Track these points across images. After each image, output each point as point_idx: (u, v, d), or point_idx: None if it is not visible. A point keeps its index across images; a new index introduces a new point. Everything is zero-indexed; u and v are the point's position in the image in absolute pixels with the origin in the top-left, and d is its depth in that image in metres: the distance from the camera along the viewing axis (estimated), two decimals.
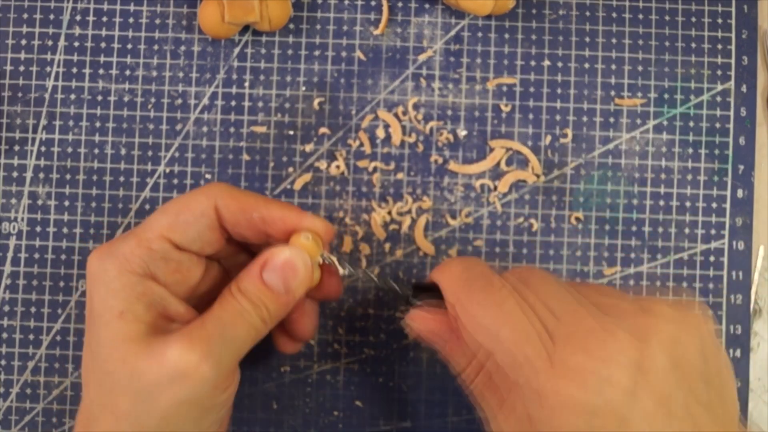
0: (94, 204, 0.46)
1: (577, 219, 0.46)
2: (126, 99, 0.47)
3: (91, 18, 0.47)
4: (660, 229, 0.46)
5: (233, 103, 0.47)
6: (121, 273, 0.33)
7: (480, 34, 0.47)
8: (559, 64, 0.47)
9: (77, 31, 0.47)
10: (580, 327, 0.31)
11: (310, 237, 0.36)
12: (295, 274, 0.35)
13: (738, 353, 0.46)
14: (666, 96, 0.47)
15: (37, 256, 0.46)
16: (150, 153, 0.46)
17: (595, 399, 0.29)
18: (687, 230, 0.46)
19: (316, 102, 0.47)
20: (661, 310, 0.31)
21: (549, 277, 0.34)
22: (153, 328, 0.33)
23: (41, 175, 0.46)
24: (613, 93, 0.47)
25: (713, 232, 0.46)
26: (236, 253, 0.40)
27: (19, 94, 0.47)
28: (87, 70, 0.47)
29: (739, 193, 0.47)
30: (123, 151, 0.46)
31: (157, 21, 0.47)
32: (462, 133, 0.46)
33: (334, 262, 0.37)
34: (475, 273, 0.35)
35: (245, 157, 0.46)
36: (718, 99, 0.47)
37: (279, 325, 0.39)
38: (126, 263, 0.34)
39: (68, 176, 0.46)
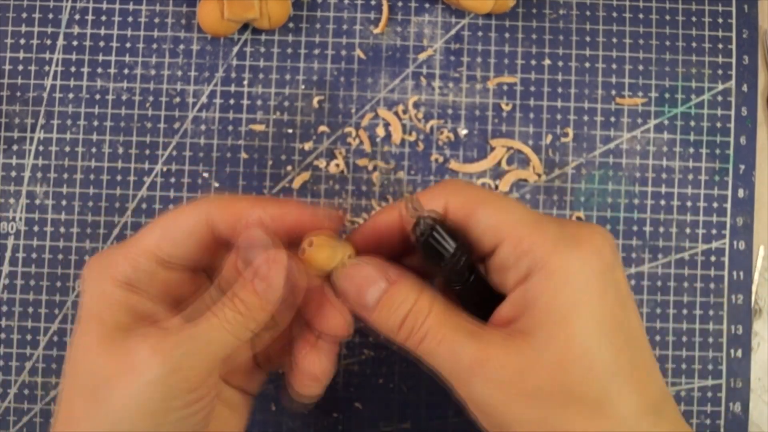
0: (91, 203, 0.46)
1: (578, 218, 0.46)
2: (124, 98, 0.46)
3: (90, 17, 0.47)
4: (661, 229, 0.46)
5: (232, 101, 0.46)
6: (103, 281, 0.33)
7: (480, 33, 0.47)
8: (560, 64, 0.47)
9: (76, 30, 0.47)
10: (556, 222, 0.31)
11: (325, 245, 0.33)
12: (271, 278, 0.32)
13: (739, 353, 0.46)
14: (667, 95, 0.47)
15: (34, 255, 0.46)
16: (148, 152, 0.46)
17: (599, 266, 0.29)
18: (688, 230, 0.46)
19: (315, 100, 0.46)
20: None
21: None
22: (126, 328, 0.32)
23: (39, 175, 0.46)
24: (613, 92, 0.47)
25: (714, 231, 0.46)
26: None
27: (18, 93, 0.47)
28: (85, 69, 0.47)
29: (740, 192, 0.46)
30: (121, 150, 0.46)
31: (156, 19, 0.47)
32: (463, 132, 0.46)
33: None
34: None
35: (244, 155, 0.46)
36: (719, 98, 0.47)
37: (294, 366, 0.36)
38: (111, 272, 0.33)
39: (66, 175, 0.46)
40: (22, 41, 0.47)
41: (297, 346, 0.35)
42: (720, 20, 0.47)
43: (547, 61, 0.47)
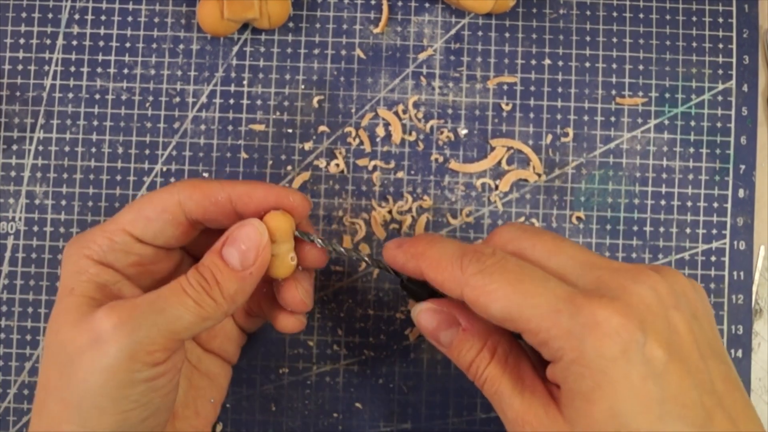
0: (91, 203, 0.46)
1: (578, 218, 0.46)
2: (124, 97, 0.46)
3: (89, 16, 0.47)
4: (661, 229, 0.46)
5: (232, 101, 0.46)
6: (79, 257, 0.34)
7: (480, 33, 0.47)
8: (560, 63, 0.47)
9: (76, 29, 0.47)
10: (602, 277, 0.31)
11: (278, 214, 0.35)
12: (251, 248, 0.34)
13: (739, 353, 0.46)
14: (667, 95, 0.47)
15: (34, 255, 0.46)
16: (147, 152, 0.46)
17: (640, 357, 0.29)
18: (688, 230, 0.46)
19: (315, 100, 0.46)
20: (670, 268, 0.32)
21: (542, 233, 0.34)
22: (96, 303, 0.33)
23: (39, 174, 0.46)
24: (614, 92, 0.47)
25: (714, 231, 0.46)
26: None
27: (17, 93, 0.46)
28: (85, 69, 0.47)
29: (741, 192, 0.46)
30: (120, 150, 0.46)
31: (156, 19, 0.47)
32: (463, 131, 0.46)
33: (310, 237, 0.37)
34: (452, 251, 0.33)
35: (243, 155, 0.46)
36: (720, 98, 0.47)
37: (272, 301, 0.38)
38: (86, 248, 0.34)
39: (66, 175, 0.46)
40: (22, 41, 0.47)
41: (276, 285, 0.37)
42: (720, 20, 0.47)
43: (547, 61, 0.47)
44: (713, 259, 0.46)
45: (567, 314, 0.29)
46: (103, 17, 0.47)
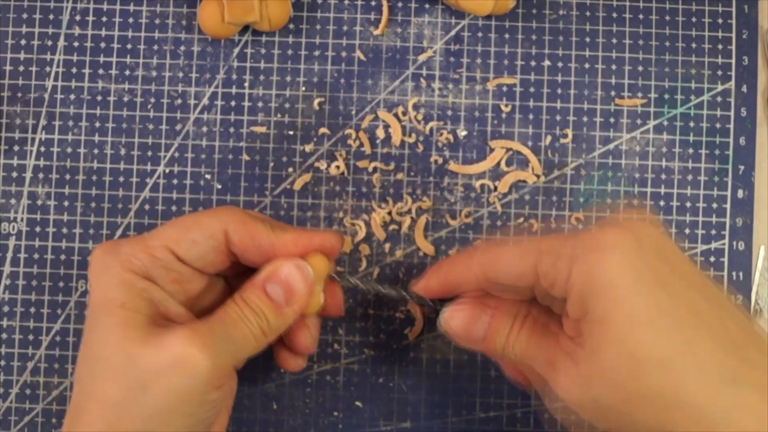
0: (93, 204, 0.46)
1: (578, 219, 0.46)
2: (125, 99, 0.47)
3: (90, 18, 0.47)
4: None
5: (233, 103, 0.47)
6: (122, 270, 0.34)
7: (480, 34, 0.47)
8: (560, 64, 0.47)
9: (77, 31, 0.47)
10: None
11: (319, 257, 0.37)
12: (297, 286, 0.35)
13: None
14: (666, 96, 0.47)
15: (36, 256, 0.46)
16: (149, 153, 0.46)
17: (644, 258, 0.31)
18: (687, 230, 0.46)
19: (315, 102, 0.47)
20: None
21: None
22: (154, 321, 0.34)
23: (41, 176, 0.46)
24: (613, 93, 0.47)
25: (713, 232, 0.46)
26: (243, 273, 0.39)
27: (19, 94, 0.47)
28: (86, 70, 0.47)
29: (740, 193, 0.46)
30: (122, 152, 0.46)
31: (157, 21, 0.47)
32: (462, 133, 0.46)
33: (342, 278, 0.39)
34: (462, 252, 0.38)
35: (245, 157, 0.46)
36: (719, 99, 0.47)
37: (280, 340, 0.39)
38: (128, 262, 0.34)
39: (68, 176, 0.46)
40: (23, 42, 0.47)
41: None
42: (720, 21, 0.47)
43: (546, 62, 0.47)
44: (712, 259, 0.46)
45: (568, 245, 0.32)
46: (104, 18, 0.47)
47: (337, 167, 0.46)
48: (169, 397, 0.32)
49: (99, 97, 0.47)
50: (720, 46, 0.47)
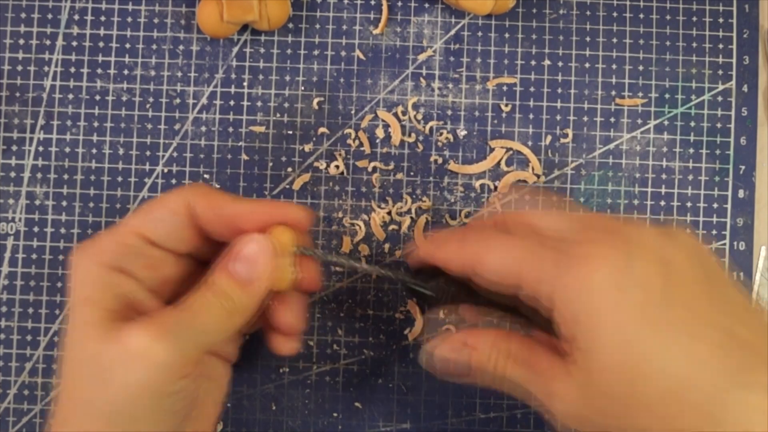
0: (91, 204, 0.46)
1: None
2: (124, 99, 0.46)
3: (89, 17, 0.47)
4: None
5: (232, 102, 0.46)
6: (92, 264, 0.34)
7: (480, 34, 0.47)
8: (560, 64, 0.47)
9: (75, 30, 0.47)
10: (591, 231, 0.32)
11: (283, 229, 0.36)
12: (257, 262, 0.35)
13: None
14: (667, 96, 0.47)
15: (34, 256, 0.46)
16: (148, 153, 0.46)
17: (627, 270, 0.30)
18: (688, 231, 0.46)
19: (315, 102, 0.46)
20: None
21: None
22: (118, 316, 0.33)
23: (39, 175, 0.46)
24: (613, 93, 0.47)
25: (714, 232, 0.46)
26: (219, 252, 0.39)
27: (17, 94, 0.47)
28: (85, 70, 0.47)
29: (740, 193, 0.46)
30: (121, 151, 0.46)
31: (156, 20, 0.47)
32: (462, 133, 0.46)
33: (310, 251, 0.37)
34: (458, 236, 0.36)
35: (244, 156, 0.46)
36: (719, 99, 0.47)
37: (268, 324, 0.39)
38: (99, 255, 0.34)
39: (66, 176, 0.46)
40: (21, 41, 0.47)
41: (270, 306, 0.38)
42: (720, 20, 0.47)
43: (546, 62, 0.47)
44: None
45: (551, 260, 0.31)
46: (102, 18, 0.47)
47: (337, 167, 0.46)
48: (129, 390, 0.32)
49: (97, 97, 0.46)
50: (721, 46, 0.47)
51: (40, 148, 0.46)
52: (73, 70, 0.47)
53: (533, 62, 0.47)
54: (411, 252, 0.38)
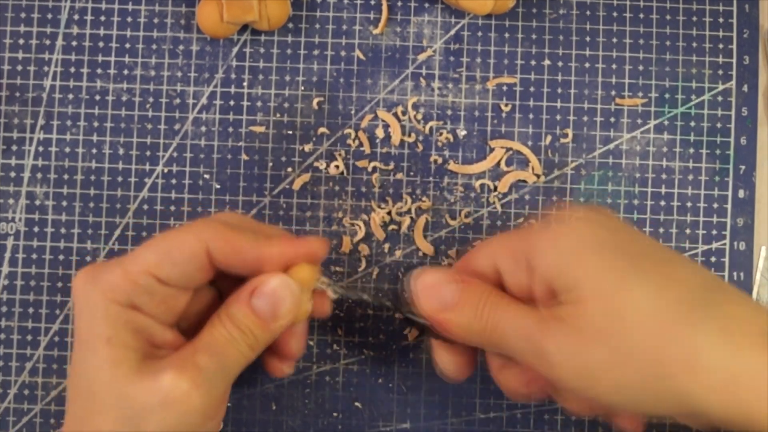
0: (92, 204, 0.46)
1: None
2: (124, 99, 0.46)
3: (89, 17, 0.47)
4: (661, 230, 0.46)
5: (232, 102, 0.46)
6: (105, 301, 0.34)
7: (480, 34, 0.47)
8: (560, 64, 0.47)
9: (75, 30, 0.47)
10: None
11: (305, 267, 0.36)
12: (283, 301, 0.35)
13: None
14: (667, 96, 0.47)
15: (35, 256, 0.46)
16: (148, 153, 0.46)
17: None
18: (688, 231, 0.46)
19: (315, 102, 0.46)
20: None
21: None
22: (141, 354, 0.33)
23: (39, 176, 0.46)
24: (613, 93, 0.47)
25: (714, 232, 0.46)
26: (228, 277, 0.38)
27: (17, 94, 0.46)
28: (85, 70, 0.47)
29: (741, 193, 0.46)
30: (121, 151, 0.46)
31: (156, 20, 0.47)
32: (462, 132, 0.46)
33: (327, 289, 0.38)
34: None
35: (244, 157, 0.46)
36: (719, 99, 0.47)
37: (268, 348, 0.39)
38: (110, 293, 0.34)
39: (66, 176, 0.46)
40: (21, 41, 0.47)
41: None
42: (720, 20, 0.47)
43: (546, 62, 0.47)
44: (713, 259, 0.46)
45: (521, 237, 0.35)
46: (102, 18, 0.47)
47: (337, 167, 0.46)
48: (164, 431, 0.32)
49: (97, 97, 0.46)
50: (721, 46, 0.47)
51: (40, 148, 0.46)
52: (73, 70, 0.47)
53: (533, 62, 0.47)
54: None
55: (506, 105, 0.46)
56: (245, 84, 0.46)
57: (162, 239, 0.35)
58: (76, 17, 0.47)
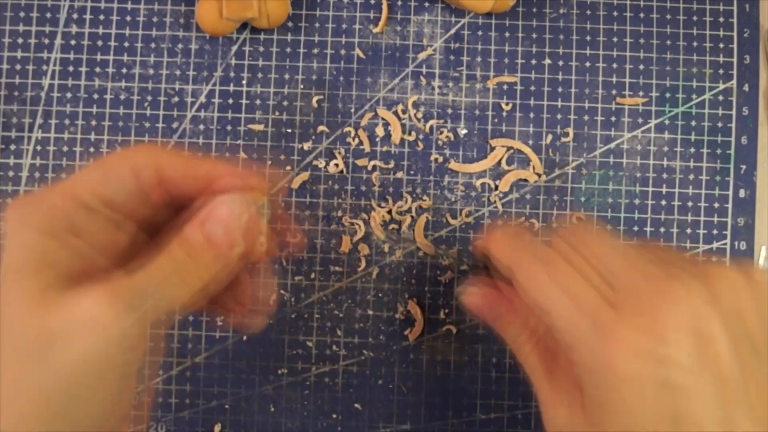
0: None
1: (579, 219, 0.46)
2: (122, 97, 0.46)
3: (88, 16, 0.47)
4: (662, 229, 0.46)
5: (231, 101, 0.46)
6: (44, 220, 0.29)
7: (480, 33, 0.47)
8: (560, 63, 0.46)
9: (74, 29, 0.47)
10: (639, 287, 0.30)
11: (258, 193, 0.33)
12: (238, 224, 0.32)
13: None
14: (668, 95, 0.47)
15: None
16: None
17: (655, 376, 0.28)
18: (689, 230, 0.46)
19: (314, 100, 0.46)
20: (723, 267, 0.30)
21: (606, 236, 0.33)
22: (72, 279, 0.29)
23: (37, 174, 0.46)
24: (614, 92, 0.46)
25: (715, 232, 0.46)
26: (169, 221, 0.35)
27: (15, 93, 0.46)
28: (83, 69, 0.47)
29: (741, 192, 0.46)
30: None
31: (155, 19, 0.47)
32: (462, 131, 0.46)
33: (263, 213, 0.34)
34: (523, 242, 0.34)
35: (243, 155, 0.46)
36: (720, 98, 0.47)
37: (233, 301, 0.36)
38: (49, 215, 0.30)
39: (64, 175, 0.46)
40: (20, 40, 0.47)
41: (240, 280, 0.35)
42: (721, 19, 0.47)
43: (547, 61, 0.47)
44: (714, 259, 0.46)
45: (589, 324, 0.30)
46: (101, 17, 0.47)
47: (336, 165, 0.46)
48: (71, 364, 0.27)
49: (96, 96, 0.46)
50: (721, 45, 0.47)
51: (38, 147, 0.46)
52: (71, 68, 0.46)
53: (534, 61, 0.47)
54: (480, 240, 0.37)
55: (507, 104, 0.46)
56: (244, 82, 0.46)
57: (107, 157, 0.32)
58: (75, 16, 0.47)
